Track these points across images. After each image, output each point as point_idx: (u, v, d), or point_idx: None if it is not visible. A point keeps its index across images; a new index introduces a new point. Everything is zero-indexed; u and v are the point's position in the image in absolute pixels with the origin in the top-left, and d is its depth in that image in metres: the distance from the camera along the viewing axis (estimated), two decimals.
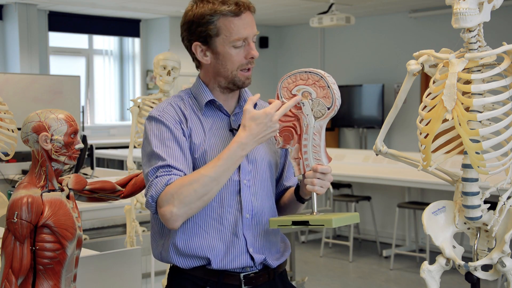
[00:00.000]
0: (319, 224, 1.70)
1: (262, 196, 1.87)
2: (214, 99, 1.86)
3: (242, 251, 1.82)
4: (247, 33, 1.81)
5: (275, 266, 1.88)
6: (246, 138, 1.72)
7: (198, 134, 1.83)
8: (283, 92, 1.80)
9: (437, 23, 8.85)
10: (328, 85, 1.75)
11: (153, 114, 1.83)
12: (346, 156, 7.15)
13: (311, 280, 5.41)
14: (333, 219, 1.68)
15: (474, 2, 1.81)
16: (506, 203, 1.92)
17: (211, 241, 1.80)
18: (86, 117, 10.00)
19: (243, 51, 1.82)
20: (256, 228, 1.85)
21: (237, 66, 1.82)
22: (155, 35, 10.37)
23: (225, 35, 1.80)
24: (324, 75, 1.76)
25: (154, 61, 3.39)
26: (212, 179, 1.70)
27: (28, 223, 1.70)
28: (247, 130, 1.72)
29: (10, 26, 8.92)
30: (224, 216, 1.81)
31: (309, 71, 1.78)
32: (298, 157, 1.80)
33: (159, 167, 1.75)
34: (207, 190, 1.70)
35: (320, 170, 1.77)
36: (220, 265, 1.80)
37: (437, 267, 1.97)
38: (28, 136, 1.79)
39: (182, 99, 1.88)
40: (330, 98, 1.75)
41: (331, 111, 1.77)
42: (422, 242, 6.32)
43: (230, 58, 1.82)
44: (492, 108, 1.88)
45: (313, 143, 1.78)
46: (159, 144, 1.78)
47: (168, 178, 1.72)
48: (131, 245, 3.46)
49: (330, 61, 10.44)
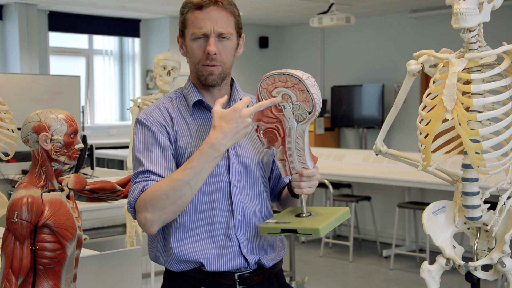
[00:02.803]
0: (307, 233, 1.70)
1: (253, 197, 1.85)
2: (202, 99, 1.84)
3: (235, 253, 1.80)
4: (206, 27, 1.77)
5: (269, 266, 1.87)
6: (216, 138, 1.67)
7: (184, 137, 1.81)
8: (263, 93, 1.75)
9: (437, 23, 8.85)
10: (307, 89, 1.67)
11: (140, 118, 1.83)
12: (346, 156, 7.14)
13: (311, 280, 5.41)
14: (320, 228, 1.67)
15: (474, 2, 1.81)
16: (506, 203, 1.92)
17: (203, 244, 1.78)
18: (86, 117, 9.99)
19: (203, 46, 1.79)
20: (249, 229, 1.83)
21: (198, 60, 1.80)
22: (155, 35, 10.37)
23: (189, 28, 1.80)
24: (301, 78, 1.66)
25: (154, 61, 3.39)
26: (184, 182, 1.67)
27: (28, 223, 1.70)
28: (217, 129, 1.67)
29: (10, 26, 8.92)
30: (215, 218, 1.79)
31: (287, 73, 1.69)
32: (284, 159, 1.79)
33: (139, 172, 1.76)
34: (179, 194, 1.68)
35: (305, 174, 1.76)
36: (214, 268, 1.79)
37: (437, 267, 1.97)
38: (28, 136, 1.79)
39: (171, 100, 1.87)
40: (310, 102, 1.68)
41: (312, 115, 1.70)
42: (422, 242, 6.32)
43: (192, 52, 1.81)
44: (492, 108, 1.88)
45: (297, 146, 1.76)
46: (142, 148, 1.78)
47: (144, 184, 1.72)
48: (131, 245, 3.46)
49: (330, 61, 10.44)
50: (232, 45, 1.84)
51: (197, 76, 1.83)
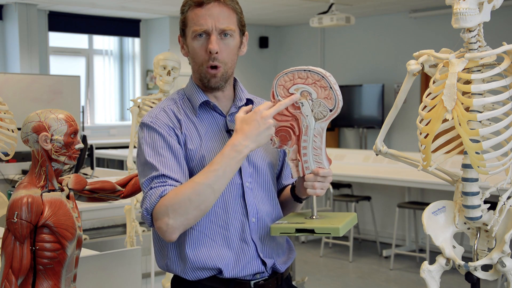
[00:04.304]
0: (326, 232, 1.65)
1: (265, 198, 1.81)
2: (208, 100, 1.78)
3: (252, 257, 1.75)
4: (207, 25, 1.70)
5: (283, 270, 1.83)
6: (237, 139, 1.63)
7: (194, 139, 1.75)
8: (279, 90, 1.69)
9: (437, 23, 8.85)
10: (331, 86, 1.65)
11: (146, 121, 1.75)
12: (346, 156, 7.15)
13: (311, 280, 5.41)
14: (340, 227, 1.63)
15: (474, 2, 1.81)
16: (506, 203, 1.92)
17: (219, 250, 1.72)
18: (86, 117, 9.99)
19: (205, 44, 1.72)
20: (263, 231, 1.77)
21: (201, 61, 1.74)
22: (155, 35, 10.37)
23: (190, 26, 1.73)
24: (325, 74, 1.66)
25: (154, 61, 3.39)
26: (206, 186, 1.61)
27: (28, 223, 1.70)
28: (238, 131, 1.64)
29: (10, 26, 8.92)
30: (229, 222, 1.73)
31: (308, 69, 1.67)
32: (297, 159, 1.73)
33: (153, 177, 1.67)
34: (202, 198, 1.61)
35: (322, 174, 1.71)
36: (232, 274, 1.72)
37: (437, 267, 1.96)
38: (28, 136, 1.79)
39: (175, 102, 1.80)
40: (333, 99, 1.66)
41: (333, 113, 1.67)
42: (422, 242, 6.32)
43: (194, 51, 1.75)
44: (492, 108, 1.88)
45: (314, 145, 1.71)
46: (152, 153, 1.70)
47: (162, 189, 1.64)
48: (131, 245, 3.46)
49: (330, 61, 10.43)
50: (235, 43, 1.77)
51: (200, 77, 1.77)
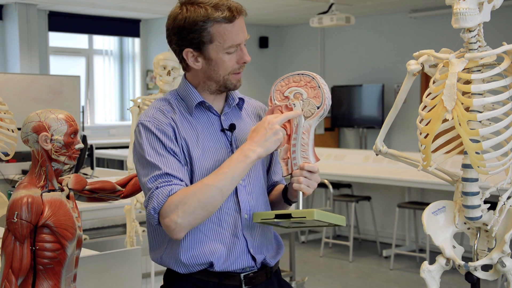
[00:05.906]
0: (301, 216, 1.70)
1: (257, 194, 1.87)
2: (203, 100, 1.83)
3: (243, 252, 1.82)
4: (240, 39, 1.79)
5: (273, 264, 1.89)
6: (247, 145, 1.72)
7: (191, 138, 1.79)
8: (276, 95, 1.82)
9: (437, 23, 8.85)
10: (319, 85, 1.78)
11: (143, 122, 1.78)
12: (346, 156, 7.14)
13: (311, 280, 5.41)
14: (315, 210, 1.68)
15: (474, 2, 1.81)
16: (506, 203, 1.92)
17: (211, 245, 1.78)
18: (86, 117, 10.00)
19: (235, 56, 1.80)
20: (254, 227, 1.84)
21: (229, 71, 1.81)
22: (155, 35, 10.38)
23: (219, 42, 1.76)
24: (315, 76, 1.79)
25: (154, 61, 3.39)
26: (215, 188, 1.68)
27: (28, 223, 1.70)
28: (248, 139, 1.74)
29: (10, 26, 8.92)
30: (223, 218, 1.80)
31: (301, 73, 1.81)
32: (287, 157, 1.81)
33: (156, 176, 1.71)
34: (210, 200, 1.68)
35: (307, 168, 1.76)
36: (223, 267, 1.79)
37: (437, 267, 1.97)
38: (28, 136, 1.79)
39: (169, 103, 1.84)
40: (320, 97, 1.77)
41: (320, 110, 1.77)
42: (422, 242, 6.32)
43: (223, 64, 1.80)
44: (492, 108, 1.88)
45: (302, 142, 1.79)
46: (153, 153, 1.74)
47: (169, 188, 1.69)
48: (131, 245, 3.46)
49: (330, 61, 10.44)
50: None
51: (224, 84, 1.83)
